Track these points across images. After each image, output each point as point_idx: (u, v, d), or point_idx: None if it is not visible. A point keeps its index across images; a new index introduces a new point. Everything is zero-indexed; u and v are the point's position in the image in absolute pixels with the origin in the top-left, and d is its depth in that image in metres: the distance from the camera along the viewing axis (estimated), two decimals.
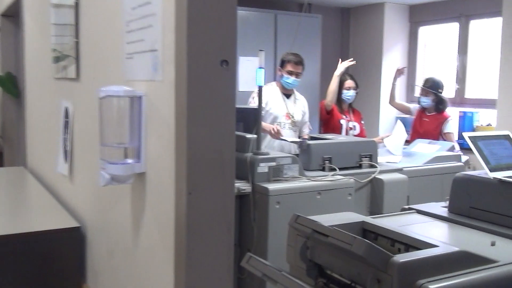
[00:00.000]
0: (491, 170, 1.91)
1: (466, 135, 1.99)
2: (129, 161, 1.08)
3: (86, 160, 1.66)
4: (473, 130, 4.74)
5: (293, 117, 4.01)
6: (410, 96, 5.70)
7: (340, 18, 6.05)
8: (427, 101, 4.58)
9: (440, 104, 4.58)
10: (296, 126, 4.05)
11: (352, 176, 3.08)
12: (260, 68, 2.86)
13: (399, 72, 4.79)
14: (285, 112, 3.98)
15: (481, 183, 1.94)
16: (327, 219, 1.72)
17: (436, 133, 4.54)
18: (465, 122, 4.75)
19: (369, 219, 1.81)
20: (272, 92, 3.99)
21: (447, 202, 2.26)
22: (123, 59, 1.21)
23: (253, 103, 3.91)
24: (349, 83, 4.39)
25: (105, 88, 1.09)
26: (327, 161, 3.17)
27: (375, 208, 3.21)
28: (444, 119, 4.52)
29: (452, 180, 3.59)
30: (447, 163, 3.63)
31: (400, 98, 5.64)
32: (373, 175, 3.19)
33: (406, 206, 2.22)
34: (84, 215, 1.67)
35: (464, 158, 3.97)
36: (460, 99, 4.93)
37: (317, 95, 5.29)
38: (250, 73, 4.76)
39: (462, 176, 2.02)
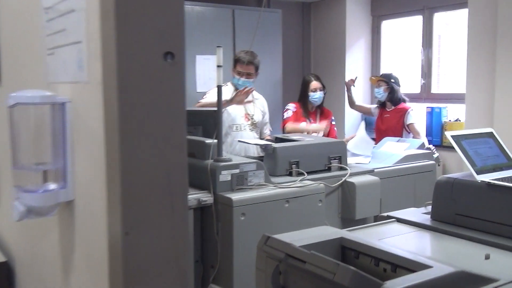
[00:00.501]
0: (477, 173, 1.75)
1: (449, 134, 1.82)
2: (52, 187, 0.84)
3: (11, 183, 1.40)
4: (442, 126, 4.66)
5: (252, 118, 3.80)
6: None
7: (301, 13, 5.88)
8: (380, 91, 4.48)
9: (392, 94, 4.46)
10: (256, 127, 3.84)
11: (322, 181, 2.90)
12: (218, 66, 2.64)
13: (350, 83, 4.68)
14: (244, 113, 3.76)
15: (467, 187, 1.78)
16: (301, 237, 1.51)
17: (399, 127, 4.44)
18: (433, 118, 4.66)
19: (347, 234, 1.61)
20: (228, 92, 3.76)
21: (428, 207, 2.10)
22: (44, 56, 0.96)
23: (200, 105, 3.65)
24: (314, 84, 4.21)
25: (16, 93, 0.85)
26: (294, 165, 2.98)
27: (347, 213, 3.04)
28: (405, 111, 4.43)
29: (423, 179, 3.55)
30: (418, 162, 3.51)
31: (364, 100, 5.54)
32: (343, 179, 3.01)
33: (385, 214, 2.05)
34: (12, 248, 1.41)
35: (434, 155, 3.87)
36: (426, 95, 4.84)
37: (279, 92, 5.10)
38: (208, 73, 4.54)
39: (446, 179, 1.86)
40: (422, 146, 3.84)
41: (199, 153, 2.74)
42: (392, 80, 4.51)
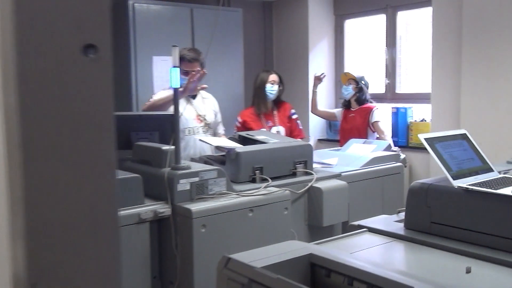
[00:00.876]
0: (453, 178, 1.65)
1: (422, 137, 1.71)
2: None
3: None
4: (408, 126, 4.61)
5: (205, 119, 3.62)
6: (339, 94, 5.51)
7: (262, 12, 5.76)
8: (348, 89, 4.40)
9: (360, 93, 4.40)
10: (210, 128, 3.66)
11: (287, 187, 2.77)
12: (174, 67, 2.47)
13: (317, 79, 4.58)
14: (195, 115, 3.57)
15: (443, 194, 1.67)
16: (265, 255, 1.36)
17: (364, 126, 4.37)
18: (399, 119, 4.61)
19: (316, 249, 1.48)
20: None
21: (400, 215, 1.99)
22: None
23: (148, 105, 3.44)
24: (273, 77, 4.05)
25: None
26: (258, 171, 2.84)
27: (315, 220, 2.92)
28: (370, 110, 4.36)
29: (391, 181, 3.47)
30: (386, 164, 3.42)
31: (328, 101, 5.46)
32: (309, 184, 2.89)
33: (356, 223, 1.92)
34: None
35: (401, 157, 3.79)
36: (391, 95, 4.79)
37: (241, 93, 4.95)
38: (166, 74, 4.33)
39: (420, 185, 1.75)
40: (388, 148, 3.77)
41: (155, 161, 2.57)
42: (363, 82, 4.44)
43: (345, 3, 5.40)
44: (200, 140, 3.38)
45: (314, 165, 3.15)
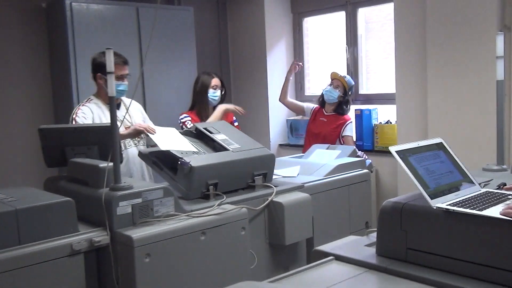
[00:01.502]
0: (431, 197, 1.44)
1: (393, 150, 1.50)
2: None
3: None
4: (373, 129, 4.44)
5: None
6: (300, 95, 5.32)
7: (216, 11, 5.50)
8: (334, 94, 4.18)
9: (345, 105, 4.20)
10: (142, 138, 3.38)
11: (244, 203, 2.53)
12: (108, 73, 2.18)
13: (294, 66, 4.36)
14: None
15: (420, 215, 1.46)
16: None
17: (334, 136, 4.17)
18: (363, 121, 4.43)
19: None
20: (94, 108, 3.27)
21: (371, 236, 1.78)
22: None
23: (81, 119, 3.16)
24: (215, 81, 3.79)
25: None
26: (212, 187, 2.58)
27: (276, 238, 2.69)
28: (344, 122, 4.17)
29: (358, 190, 3.27)
30: (351, 172, 3.23)
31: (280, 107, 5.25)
32: (269, 198, 2.65)
33: (320, 248, 1.69)
34: None
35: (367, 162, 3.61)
36: (354, 96, 4.61)
37: None
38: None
39: (393, 205, 1.53)
40: (353, 153, 3.58)
41: (92, 181, 2.28)
42: (350, 93, 4.22)
43: (303, 1, 5.20)
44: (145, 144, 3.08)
45: (274, 177, 2.92)
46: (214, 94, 3.75)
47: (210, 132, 2.92)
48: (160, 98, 4.51)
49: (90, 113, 3.20)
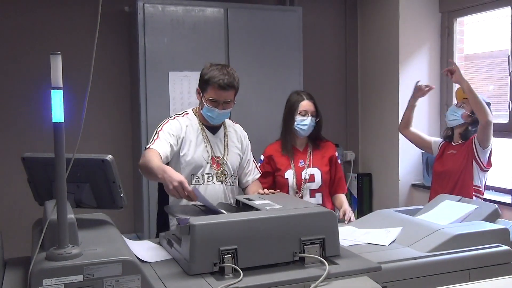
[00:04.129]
0: None
1: None
2: None
3: None
4: None
5: (224, 161, 2.72)
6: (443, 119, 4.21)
7: (342, 12, 4.72)
8: (457, 114, 3.22)
9: (473, 126, 3.17)
10: (230, 176, 2.73)
11: None
12: (54, 88, 1.57)
13: (419, 90, 3.39)
14: (208, 155, 2.66)
15: None
16: None
17: (468, 165, 3.20)
18: None
19: None
20: (189, 128, 2.71)
21: None
22: None
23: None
24: (305, 105, 2.98)
25: None
26: (229, 256, 1.83)
27: None
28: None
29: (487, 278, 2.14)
30: (480, 248, 2.16)
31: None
32: (312, 286, 1.78)
33: None
34: None
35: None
36: None
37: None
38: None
39: None
40: (495, 215, 2.50)
41: (45, 239, 1.68)
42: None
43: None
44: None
45: (354, 243, 2.07)
46: (302, 122, 2.96)
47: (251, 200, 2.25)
48: (248, 120, 3.85)
49: (179, 130, 2.66)
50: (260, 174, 2.89)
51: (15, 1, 3.87)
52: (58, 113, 1.57)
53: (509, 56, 3.65)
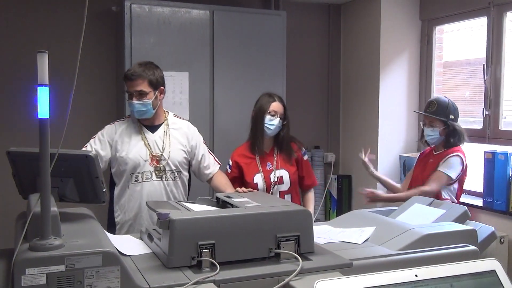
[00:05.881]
0: None
1: None
2: None
3: None
4: (509, 181, 3.30)
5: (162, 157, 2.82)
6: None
7: (326, 17, 4.80)
8: (433, 134, 3.26)
9: (452, 137, 3.24)
10: (171, 171, 2.87)
11: (249, 282, 1.78)
12: (41, 85, 1.62)
13: (365, 163, 3.64)
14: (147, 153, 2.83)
15: None
16: None
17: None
18: (496, 169, 3.31)
19: None
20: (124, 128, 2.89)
21: None
22: None
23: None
24: (276, 106, 3.07)
25: None
26: (206, 250, 1.89)
27: None
28: (446, 155, 3.20)
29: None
30: (450, 248, 2.25)
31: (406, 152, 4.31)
32: (285, 281, 1.85)
33: None
34: None
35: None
36: (491, 132, 3.52)
37: None
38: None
39: None
40: (464, 217, 2.59)
41: (28, 230, 1.73)
42: (452, 117, 3.29)
43: (436, 4, 4.24)
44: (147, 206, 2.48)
45: (329, 240, 2.15)
46: (270, 122, 3.03)
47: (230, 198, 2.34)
48: (230, 122, 3.92)
49: (112, 134, 2.78)
50: (220, 165, 2.97)
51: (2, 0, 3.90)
52: (43, 110, 1.63)
53: (484, 64, 3.77)
